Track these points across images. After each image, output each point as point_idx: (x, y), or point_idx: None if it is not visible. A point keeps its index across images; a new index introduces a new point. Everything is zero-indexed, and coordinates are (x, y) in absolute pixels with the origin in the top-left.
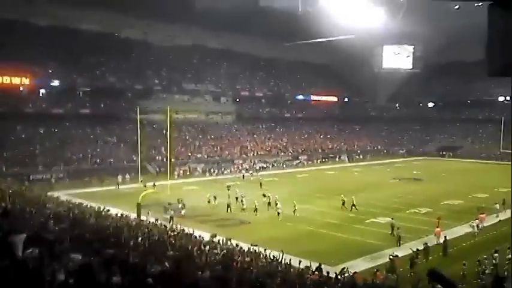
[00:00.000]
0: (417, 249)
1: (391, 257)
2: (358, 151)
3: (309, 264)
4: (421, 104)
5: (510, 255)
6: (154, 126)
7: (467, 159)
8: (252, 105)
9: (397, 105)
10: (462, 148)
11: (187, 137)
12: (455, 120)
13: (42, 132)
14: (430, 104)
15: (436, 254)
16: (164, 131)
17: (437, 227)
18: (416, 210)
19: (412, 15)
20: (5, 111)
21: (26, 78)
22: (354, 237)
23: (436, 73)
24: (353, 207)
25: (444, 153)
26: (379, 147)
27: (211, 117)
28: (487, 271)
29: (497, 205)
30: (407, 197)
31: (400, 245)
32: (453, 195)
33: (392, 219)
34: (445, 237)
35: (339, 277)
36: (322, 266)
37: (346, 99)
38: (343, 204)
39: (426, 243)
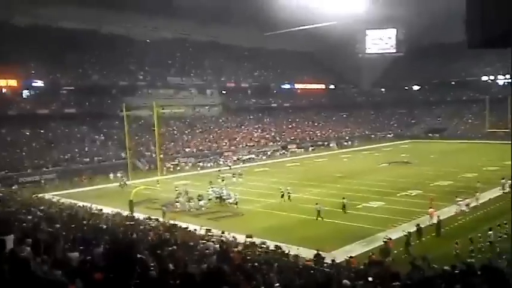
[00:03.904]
0: (409, 232)
1: (384, 239)
2: (347, 137)
3: (305, 252)
4: (406, 88)
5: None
6: (141, 122)
7: (454, 140)
8: (238, 96)
9: (382, 89)
10: (449, 129)
11: (175, 132)
12: (441, 102)
13: (28, 133)
14: (415, 87)
15: (429, 235)
16: (151, 127)
17: (430, 208)
18: (407, 193)
19: None
20: None
21: (9, 79)
22: (347, 223)
23: (420, 55)
24: (288, 197)
25: (431, 135)
26: (366, 132)
27: (198, 110)
28: (483, 249)
29: (479, 184)
30: (397, 180)
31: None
32: (442, 176)
33: (344, 199)
34: (438, 217)
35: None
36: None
37: (331, 86)
38: (282, 196)
39: (418, 225)
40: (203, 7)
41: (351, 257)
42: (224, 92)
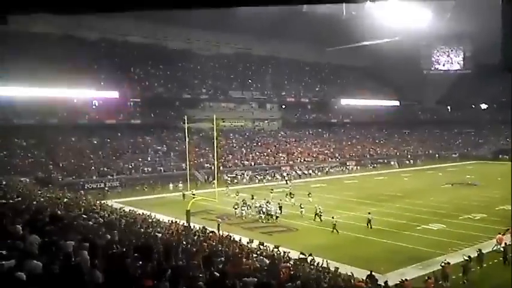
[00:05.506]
0: (469, 256)
1: (442, 264)
2: (409, 156)
3: (357, 272)
4: (473, 106)
5: None
6: (202, 134)
7: None
8: (298, 111)
9: (448, 107)
10: None
11: (234, 145)
12: (510, 122)
13: (95, 142)
14: (483, 106)
15: (492, 261)
16: (212, 139)
17: (499, 234)
18: (470, 216)
19: (460, 14)
20: (60, 123)
21: (80, 90)
22: (404, 244)
23: (488, 73)
24: (319, 216)
25: (499, 156)
26: (430, 151)
27: (258, 124)
28: None
29: None
30: (460, 202)
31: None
32: (509, 200)
33: (369, 214)
34: (505, 243)
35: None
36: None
37: (394, 103)
38: (316, 215)
39: (480, 250)
40: (264, 22)
41: (405, 280)
42: (284, 106)
